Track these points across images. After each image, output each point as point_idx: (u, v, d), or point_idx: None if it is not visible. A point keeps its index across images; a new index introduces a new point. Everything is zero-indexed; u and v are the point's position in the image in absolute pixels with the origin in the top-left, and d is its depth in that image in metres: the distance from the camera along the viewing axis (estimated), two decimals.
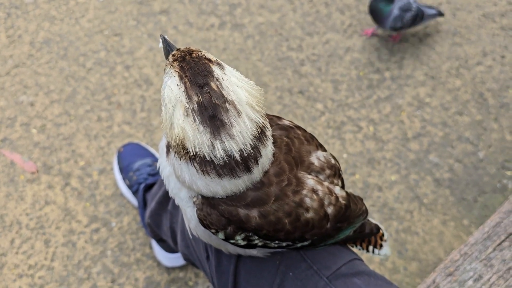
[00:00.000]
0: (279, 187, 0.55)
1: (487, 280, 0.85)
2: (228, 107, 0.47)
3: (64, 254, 1.28)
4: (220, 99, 0.47)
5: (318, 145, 0.62)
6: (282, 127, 0.60)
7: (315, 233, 0.60)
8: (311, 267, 0.65)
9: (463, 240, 1.34)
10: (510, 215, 0.93)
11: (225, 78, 0.48)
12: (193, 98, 0.47)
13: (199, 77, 0.48)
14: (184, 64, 0.48)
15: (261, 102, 0.51)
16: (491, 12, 1.81)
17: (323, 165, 0.61)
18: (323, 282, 0.63)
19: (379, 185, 1.43)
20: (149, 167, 1.30)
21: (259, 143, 0.51)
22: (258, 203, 0.55)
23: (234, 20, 1.72)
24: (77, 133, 1.45)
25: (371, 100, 1.59)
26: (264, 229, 0.56)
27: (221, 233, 0.58)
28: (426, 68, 1.66)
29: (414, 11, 1.57)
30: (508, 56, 1.70)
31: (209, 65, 0.49)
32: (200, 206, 0.57)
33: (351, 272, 0.64)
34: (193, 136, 0.48)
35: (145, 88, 1.55)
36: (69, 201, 1.35)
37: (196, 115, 0.47)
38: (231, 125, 0.48)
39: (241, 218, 0.55)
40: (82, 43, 1.64)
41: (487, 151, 1.50)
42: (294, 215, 0.56)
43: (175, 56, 0.50)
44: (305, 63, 1.65)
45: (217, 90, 0.47)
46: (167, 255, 1.24)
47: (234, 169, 0.50)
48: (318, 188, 0.58)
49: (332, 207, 0.59)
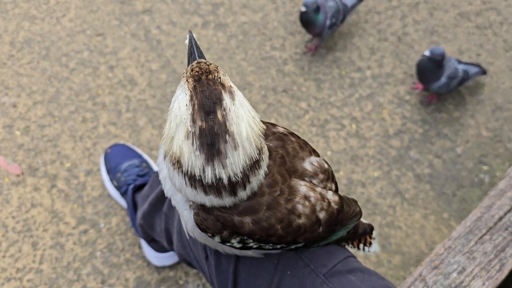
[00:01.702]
0: (272, 197, 0.58)
1: (470, 272, 0.89)
2: (228, 139, 0.50)
3: (53, 256, 1.28)
4: (222, 129, 0.49)
5: (311, 151, 0.65)
6: (278, 136, 0.62)
7: (307, 237, 0.62)
8: (308, 265, 0.67)
9: (443, 233, 1.40)
10: (490, 210, 0.98)
11: (233, 109, 0.50)
12: (197, 123, 0.49)
13: (208, 103, 0.50)
14: (198, 86, 0.50)
15: (261, 135, 0.54)
16: (466, 11, 1.87)
17: (316, 170, 0.63)
18: (320, 279, 0.66)
19: (363, 181, 1.47)
20: (137, 168, 1.31)
21: (250, 173, 0.53)
22: (250, 211, 0.57)
23: (218, 20, 1.74)
24: (62, 135, 1.45)
25: (353, 99, 1.62)
26: (257, 234, 0.59)
27: (217, 237, 0.60)
28: (406, 66, 1.71)
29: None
30: (483, 54, 1.76)
31: (221, 92, 0.50)
32: (197, 211, 0.59)
33: (346, 269, 0.67)
34: (188, 158, 0.51)
35: (129, 89, 1.55)
36: (56, 203, 1.34)
37: (196, 139, 0.50)
38: (226, 155, 0.50)
39: (235, 224, 0.58)
40: (64, 43, 1.63)
41: (464, 147, 1.56)
42: (286, 221, 0.59)
43: (192, 72, 0.51)
44: (288, 62, 1.68)
45: (222, 120, 0.50)
46: (157, 254, 1.25)
47: (220, 192, 0.53)
48: (311, 195, 0.60)
49: (324, 212, 0.62)
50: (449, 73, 1.52)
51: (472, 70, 1.60)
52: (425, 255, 1.36)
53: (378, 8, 1.84)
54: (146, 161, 1.35)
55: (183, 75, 0.53)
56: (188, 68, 0.53)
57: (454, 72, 1.53)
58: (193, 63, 0.53)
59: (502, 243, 0.94)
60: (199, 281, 1.28)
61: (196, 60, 0.54)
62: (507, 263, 0.90)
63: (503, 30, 1.84)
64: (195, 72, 0.51)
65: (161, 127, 1.49)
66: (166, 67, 1.61)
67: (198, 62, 0.53)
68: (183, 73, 0.53)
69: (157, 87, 1.56)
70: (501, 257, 0.92)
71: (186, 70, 0.53)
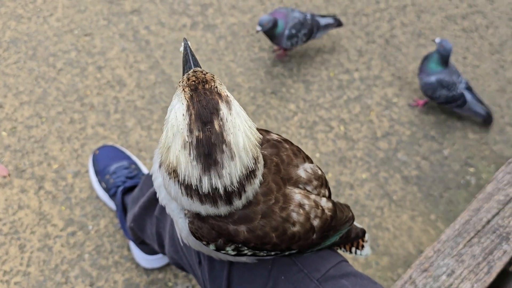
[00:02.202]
0: (266, 206, 0.58)
1: (459, 275, 0.91)
2: (225, 149, 0.50)
3: (40, 258, 1.26)
4: (219, 139, 0.50)
5: (305, 157, 0.66)
6: (272, 144, 0.62)
7: (301, 244, 0.63)
8: (302, 270, 0.68)
9: (430, 234, 1.41)
10: (478, 213, 1.00)
11: (229, 119, 0.50)
12: (194, 133, 0.49)
13: (205, 113, 0.49)
14: (195, 95, 0.50)
15: (258, 144, 0.54)
16: (453, 14, 1.90)
17: (310, 177, 0.64)
18: (313, 284, 0.66)
19: (351, 183, 1.48)
20: (126, 169, 1.30)
21: (246, 182, 0.54)
22: (245, 220, 0.58)
23: (206, 21, 1.73)
24: (50, 136, 1.43)
25: (342, 100, 1.64)
26: (252, 242, 0.59)
27: (212, 245, 0.60)
28: (393, 68, 1.73)
29: (453, 93, 1.52)
30: (469, 57, 1.79)
31: (218, 102, 0.50)
32: (192, 219, 0.59)
33: (339, 274, 0.68)
34: (185, 168, 0.51)
35: (118, 89, 1.54)
36: (44, 205, 1.33)
37: (193, 149, 0.50)
38: (222, 165, 0.50)
39: (230, 232, 0.58)
40: (51, 42, 1.61)
41: (451, 149, 1.58)
42: (281, 230, 0.59)
43: (189, 81, 0.51)
44: (277, 64, 1.68)
45: (219, 130, 0.50)
46: (146, 257, 1.25)
47: (216, 201, 0.53)
48: (305, 202, 0.61)
49: (318, 219, 0.62)
50: (292, 24, 1.53)
51: (323, 21, 1.59)
52: (412, 256, 1.38)
53: (366, 10, 1.85)
54: (135, 163, 1.34)
55: (179, 84, 0.52)
56: (184, 77, 0.52)
57: (300, 23, 1.53)
58: (189, 72, 0.53)
59: (490, 246, 0.96)
60: (188, 283, 1.28)
61: (192, 69, 0.54)
62: (495, 266, 0.92)
63: (489, 34, 1.86)
64: (191, 82, 0.51)
65: (150, 128, 1.48)
66: (155, 68, 1.60)
67: (194, 71, 0.52)
68: (178, 82, 0.53)
69: (146, 88, 1.56)
70: (489, 260, 0.93)
71: (182, 79, 0.52)
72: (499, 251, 0.96)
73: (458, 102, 1.54)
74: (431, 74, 1.52)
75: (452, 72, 1.52)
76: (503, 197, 1.05)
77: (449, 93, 1.52)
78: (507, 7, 1.96)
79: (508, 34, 1.88)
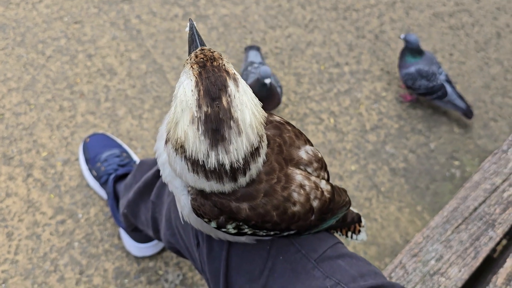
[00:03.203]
0: (269, 184, 0.59)
1: (447, 260, 0.93)
2: (232, 125, 0.51)
3: (29, 246, 1.25)
4: (227, 115, 0.50)
5: (306, 140, 0.67)
6: (275, 125, 0.63)
7: (300, 225, 0.64)
8: (300, 250, 0.69)
9: (417, 225, 1.44)
10: (465, 201, 1.03)
11: (237, 96, 0.51)
12: (203, 108, 0.50)
13: (213, 89, 0.50)
14: (204, 72, 0.51)
15: (263, 122, 0.55)
16: (440, 12, 1.93)
17: (311, 159, 0.65)
18: (311, 264, 0.68)
19: (340, 175, 1.50)
20: (118, 157, 1.29)
21: (251, 159, 0.54)
22: (248, 198, 0.58)
23: (198, 11, 1.73)
24: (38, 123, 1.41)
25: (332, 93, 1.65)
26: (253, 220, 0.60)
27: (214, 222, 0.61)
28: (382, 63, 1.75)
29: (434, 84, 1.54)
30: (455, 54, 1.83)
31: (226, 79, 0.51)
32: (195, 196, 0.59)
33: (335, 254, 0.69)
34: (193, 143, 0.51)
35: (109, 78, 1.53)
36: (32, 193, 1.31)
37: (201, 124, 0.50)
38: (230, 141, 0.51)
39: (232, 209, 0.59)
40: (40, 29, 1.58)
41: (437, 142, 1.62)
42: (281, 208, 0.60)
43: (197, 59, 0.52)
44: (269, 56, 1.69)
45: (226, 106, 0.50)
46: (137, 245, 1.24)
47: (222, 177, 0.54)
48: (306, 183, 0.62)
49: (318, 201, 0.63)
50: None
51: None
52: (399, 246, 1.40)
53: (357, 5, 1.87)
54: (126, 151, 1.33)
55: (187, 61, 0.53)
56: (192, 55, 0.53)
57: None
58: (197, 50, 0.53)
59: (476, 232, 0.99)
60: (179, 271, 1.28)
61: (200, 47, 0.54)
62: (482, 251, 0.95)
63: (475, 32, 1.91)
64: (200, 59, 0.51)
65: (141, 118, 1.47)
66: (146, 58, 1.59)
67: (201, 49, 0.53)
68: (186, 59, 0.54)
69: (136, 77, 1.55)
70: (476, 246, 0.96)
71: (190, 57, 0.53)
72: (485, 237, 0.99)
73: (438, 93, 1.57)
74: (410, 66, 1.56)
75: (431, 62, 1.56)
76: (489, 186, 1.08)
77: (429, 83, 1.55)
78: (492, 6, 2.00)
79: (493, 33, 1.92)
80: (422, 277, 0.92)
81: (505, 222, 1.00)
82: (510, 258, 0.94)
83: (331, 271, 0.67)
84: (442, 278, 0.92)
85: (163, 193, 0.88)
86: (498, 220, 1.01)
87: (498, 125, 1.68)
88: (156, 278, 1.26)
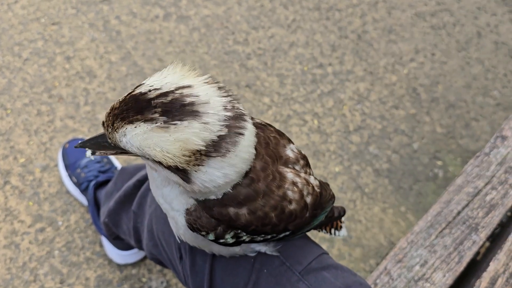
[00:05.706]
0: (266, 183, 0.58)
1: (431, 265, 0.94)
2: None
3: (7, 256, 1.21)
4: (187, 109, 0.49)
5: (288, 139, 0.66)
6: (257, 125, 0.63)
7: (297, 223, 0.64)
8: (284, 263, 0.68)
9: (401, 226, 1.45)
10: (448, 205, 1.03)
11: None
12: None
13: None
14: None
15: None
16: (422, 11, 1.94)
17: (297, 156, 0.65)
18: (295, 277, 0.67)
19: (324, 176, 1.50)
20: (98, 163, 1.26)
21: (235, 122, 0.51)
22: (249, 200, 0.57)
23: (179, 12, 1.70)
24: (15, 128, 1.37)
25: (315, 94, 1.65)
26: (253, 224, 0.59)
27: (212, 234, 0.60)
28: (365, 64, 1.75)
29: None
30: (437, 53, 1.84)
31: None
32: (190, 212, 0.58)
33: (321, 266, 0.69)
34: (196, 134, 0.48)
35: (88, 81, 1.49)
36: (10, 201, 1.28)
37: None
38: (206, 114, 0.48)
39: (231, 216, 0.58)
40: (16, 31, 1.54)
41: (420, 143, 1.62)
42: (279, 209, 0.60)
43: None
44: (252, 57, 1.67)
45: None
46: (119, 252, 1.22)
47: (221, 146, 0.49)
48: (297, 180, 0.62)
49: (310, 196, 0.63)
50: None
51: None
52: (383, 247, 1.41)
53: (340, 5, 1.87)
54: (107, 157, 1.31)
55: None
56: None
57: None
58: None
59: (460, 236, 0.99)
60: (163, 278, 1.26)
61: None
62: (465, 256, 0.95)
63: (456, 31, 1.92)
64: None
65: None
66: (126, 59, 1.56)
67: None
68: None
69: (117, 79, 1.52)
70: (460, 250, 0.96)
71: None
72: (469, 241, 0.99)
73: None
74: None
75: None
76: (472, 189, 1.09)
77: None
78: (472, 5, 2.02)
79: (474, 32, 1.94)
80: (407, 283, 0.92)
81: (488, 225, 1.00)
82: (493, 262, 0.94)
83: (316, 283, 0.66)
84: (427, 283, 0.92)
85: (144, 203, 0.86)
86: (481, 224, 1.01)
87: (479, 125, 1.70)
88: (139, 285, 1.24)
